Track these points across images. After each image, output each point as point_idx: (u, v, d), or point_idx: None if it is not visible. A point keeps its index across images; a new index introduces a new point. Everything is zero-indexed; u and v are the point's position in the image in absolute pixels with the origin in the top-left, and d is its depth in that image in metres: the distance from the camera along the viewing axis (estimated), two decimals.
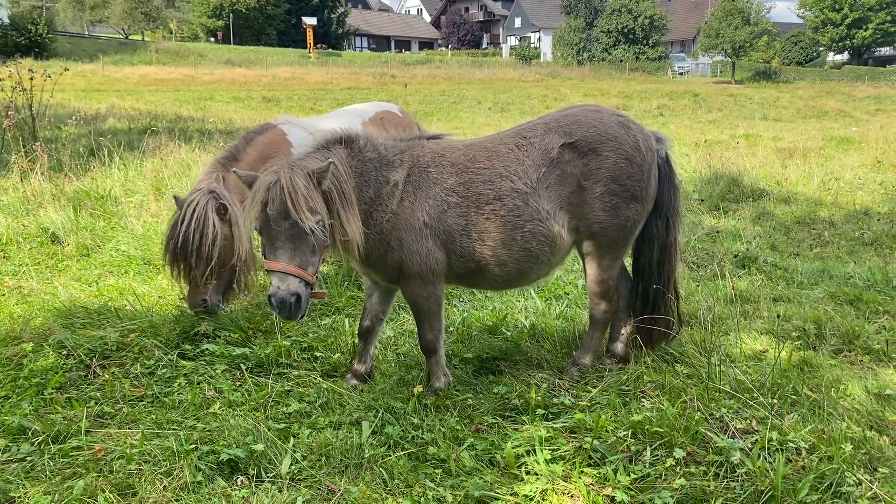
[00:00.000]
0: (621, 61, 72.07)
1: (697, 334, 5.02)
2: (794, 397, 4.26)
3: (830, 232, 8.90)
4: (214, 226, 5.02)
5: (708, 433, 3.84)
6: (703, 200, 10.60)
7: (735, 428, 3.92)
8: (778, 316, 5.60)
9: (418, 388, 4.35)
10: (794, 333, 5.35)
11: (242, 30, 76.14)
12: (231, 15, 74.72)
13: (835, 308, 5.93)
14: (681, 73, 71.85)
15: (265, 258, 3.86)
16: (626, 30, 73.62)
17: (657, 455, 3.72)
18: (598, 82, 59.39)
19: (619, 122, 4.40)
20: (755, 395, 4.18)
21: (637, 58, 72.97)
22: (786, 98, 50.46)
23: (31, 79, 12.98)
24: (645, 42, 73.79)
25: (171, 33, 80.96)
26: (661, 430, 3.79)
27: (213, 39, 76.82)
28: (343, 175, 3.97)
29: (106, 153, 11.32)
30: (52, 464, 3.79)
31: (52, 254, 7.20)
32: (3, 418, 4.14)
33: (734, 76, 65.84)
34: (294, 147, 5.61)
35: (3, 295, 5.88)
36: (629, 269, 4.88)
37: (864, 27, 72.19)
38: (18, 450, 3.93)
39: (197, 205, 5.05)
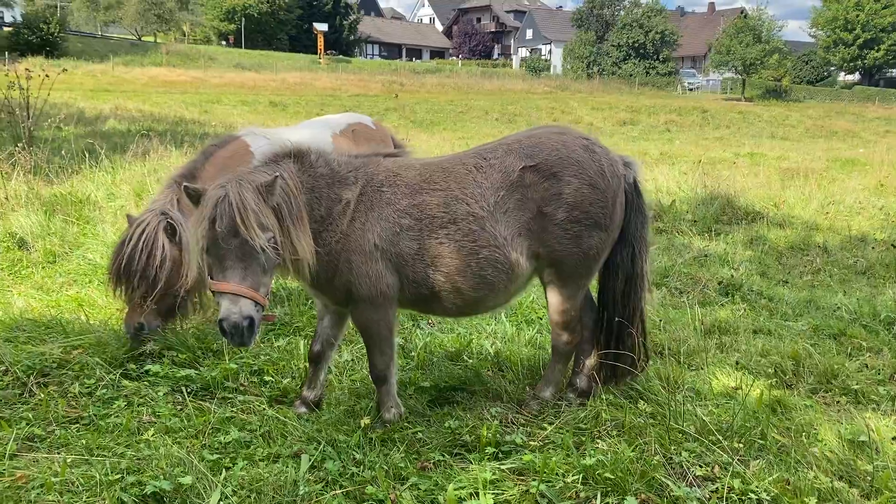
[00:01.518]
0: (631, 76, 71.90)
1: (666, 369, 4.78)
2: (761, 441, 4.02)
3: (823, 259, 8.65)
4: (163, 248, 4.83)
5: (665, 480, 3.60)
6: (695, 222, 10.36)
7: (694, 475, 3.70)
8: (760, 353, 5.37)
9: (365, 420, 4.13)
10: (769, 370, 5.10)
11: (254, 34, 76.34)
12: (243, 19, 74.94)
13: (817, 342, 5.69)
14: (691, 89, 71.58)
15: (213, 279, 3.60)
16: (636, 44, 73.50)
17: (608, 502, 3.48)
18: (607, 96, 59.20)
19: (583, 145, 4.18)
20: (720, 438, 3.93)
21: (647, 73, 72.81)
22: (795, 117, 50.19)
23: (29, 78, 12.81)
24: (655, 57, 73.64)
25: (184, 36, 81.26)
26: (614, 476, 3.55)
27: (224, 43, 77.06)
28: (293, 190, 3.76)
29: (88, 156, 11.14)
30: None
31: (17, 260, 7.02)
32: None
33: (744, 93, 65.54)
34: (257, 158, 5.40)
35: None
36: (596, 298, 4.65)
37: (876, 48, 71.81)
38: None
39: (147, 225, 4.86)
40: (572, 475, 3.61)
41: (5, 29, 57.14)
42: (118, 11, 75.11)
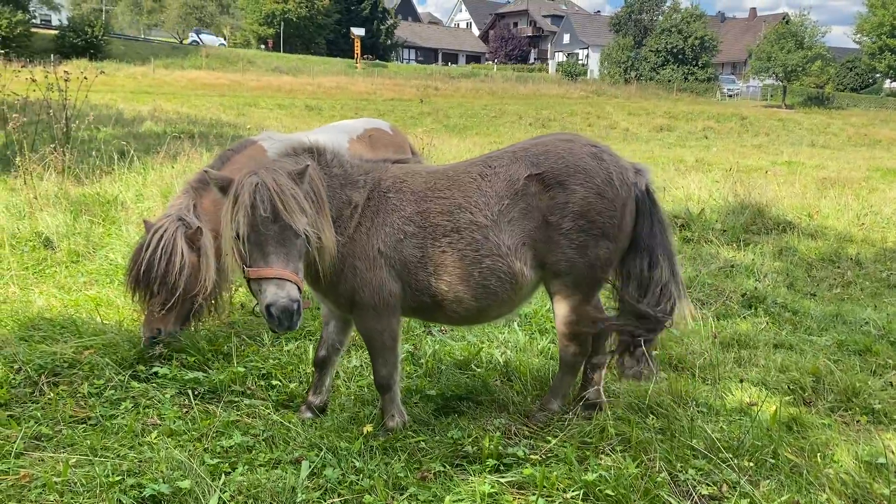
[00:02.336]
0: (669, 81, 71.09)
1: (677, 383, 4.67)
2: (773, 461, 3.89)
3: (854, 271, 8.40)
4: (182, 254, 4.86)
5: (668, 498, 3.50)
6: (724, 231, 10.16)
7: (700, 494, 3.59)
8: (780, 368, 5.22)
9: (368, 428, 4.10)
10: (788, 386, 4.95)
11: (292, 38, 77.22)
12: (282, 23, 75.86)
13: (840, 358, 5.51)
14: (730, 96, 70.56)
15: (251, 266, 3.53)
16: (675, 50, 72.68)
17: None
18: (644, 101, 58.62)
19: (591, 153, 4.09)
20: (729, 456, 3.82)
21: (686, 78, 71.93)
22: (837, 125, 49.13)
23: (67, 80, 13.06)
24: (694, 63, 72.73)
25: (225, 39, 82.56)
26: (615, 493, 3.47)
27: (263, 47, 78.08)
28: (318, 179, 3.76)
29: (120, 157, 11.33)
30: None
31: (42, 259, 7.14)
32: None
33: (785, 100, 64.36)
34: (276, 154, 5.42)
35: None
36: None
37: None
38: None
39: (165, 231, 4.88)
40: (573, 490, 3.53)
41: (51, 32, 58.56)
42: (160, 15, 76.71)
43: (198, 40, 73.92)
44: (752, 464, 3.82)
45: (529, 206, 3.96)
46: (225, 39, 70.90)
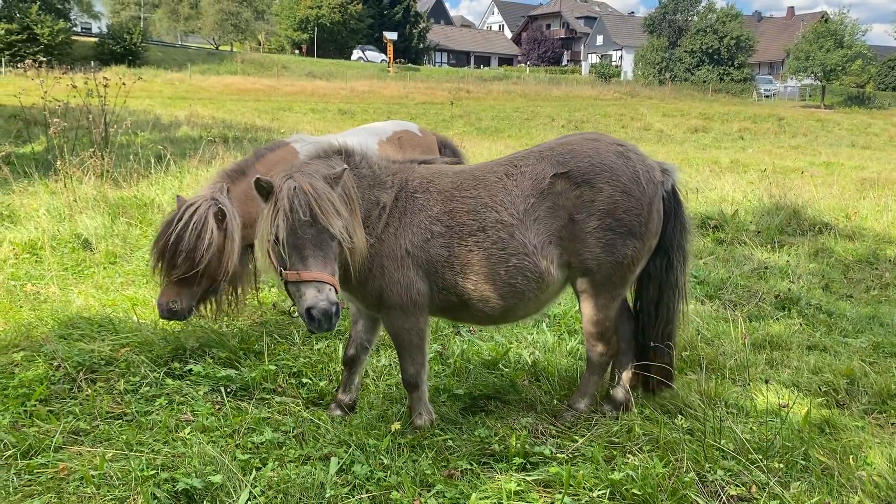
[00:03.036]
0: (704, 82, 70.30)
1: (707, 384, 4.63)
2: (804, 462, 3.85)
3: (893, 273, 8.23)
4: (212, 232, 4.91)
5: (696, 498, 3.48)
6: (759, 232, 10.02)
7: (728, 495, 3.56)
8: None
9: (396, 426, 4.15)
10: (821, 388, 4.88)
11: (326, 43, 78.02)
12: (316, 28, 76.65)
13: (876, 360, 5.41)
14: (767, 96, 69.49)
15: (289, 269, 3.58)
16: (710, 50, 71.85)
17: None
18: (679, 102, 58.03)
19: (617, 151, 4.09)
20: (759, 457, 3.78)
21: (721, 79, 71.05)
22: (878, 125, 48.10)
23: (105, 86, 13.37)
24: (730, 63, 71.79)
25: (259, 45, 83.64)
26: (642, 492, 3.46)
27: (297, 52, 78.98)
28: (351, 182, 3.82)
29: (158, 161, 11.56)
30: (16, 480, 3.75)
31: (81, 260, 7.33)
32: None
33: (824, 100, 63.21)
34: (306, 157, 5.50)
35: (20, 301, 5.98)
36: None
37: None
38: None
39: (198, 208, 4.95)
40: (599, 489, 3.53)
41: (91, 39, 59.92)
42: (197, 22, 77.93)
43: (363, 57, 77.05)
44: (782, 465, 3.78)
45: (556, 205, 3.97)
46: (386, 56, 72.74)
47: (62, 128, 9.25)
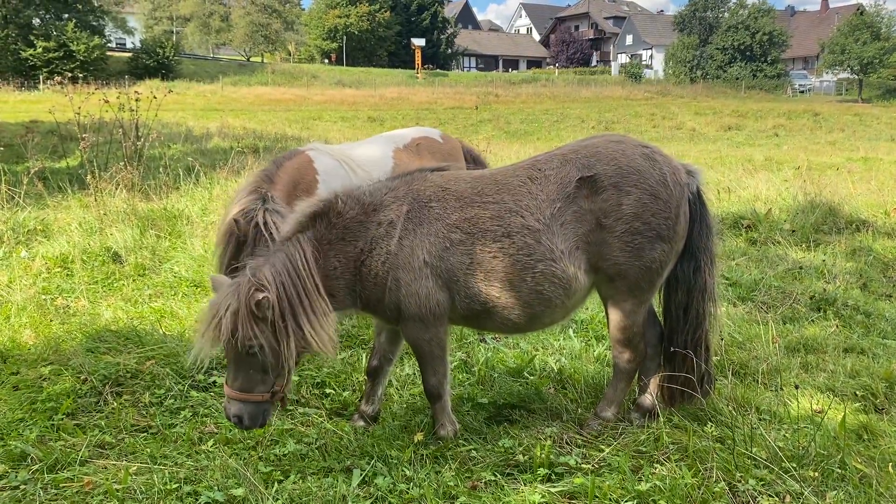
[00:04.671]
0: (737, 79, 69.27)
1: (740, 389, 4.50)
2: (840, 471, 3.71)
3: None
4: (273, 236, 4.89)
5: None
6: (793, 231, 9.77)
7: None
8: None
9: (419, 436, 4.10)
10: (858, 392, 4.71)
11: (355, 51, 78.55)
12: (344, 37, 77.24)
13: None
14: (801, 92, 68.23)
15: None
16: (742, 46, 70.82)
17: None
18: (711, 100, 57.26)
19: (643, 153, 4.00)
20: (792, 466, 3.65)
21: (754, 75, 69.97)
22: None
23: (137, 100, 13.58)
24: (763, 59, 70.69)
25: (289, 55, 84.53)
26: (669, 503, 3.36)
27: (326, 61, 79.63)
28: (298, 279, 3.73)
29: (188, 173, 11.69)
30: (42, 494, 3.78)
31: (111, 273, 7.41)
32: (9, 442, 4.20)
33: (861, 94, 61.84)
34: (319, 174, 5.49)
35: (50, 315, 6.06)
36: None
37: None
38: (16, 476, 3.95)
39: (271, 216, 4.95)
40: (625, 501, 3.44)
41: (125, 54, 61.10)
42: (228, 34, 79.06)
43: None
44: (817, 474, 3.64)
45: (582, 209, 3.89)
46: None
47: (92, 142, 9.38)
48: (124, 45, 72.87)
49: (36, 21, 54.31)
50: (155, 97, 13.67)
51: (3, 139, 9.47)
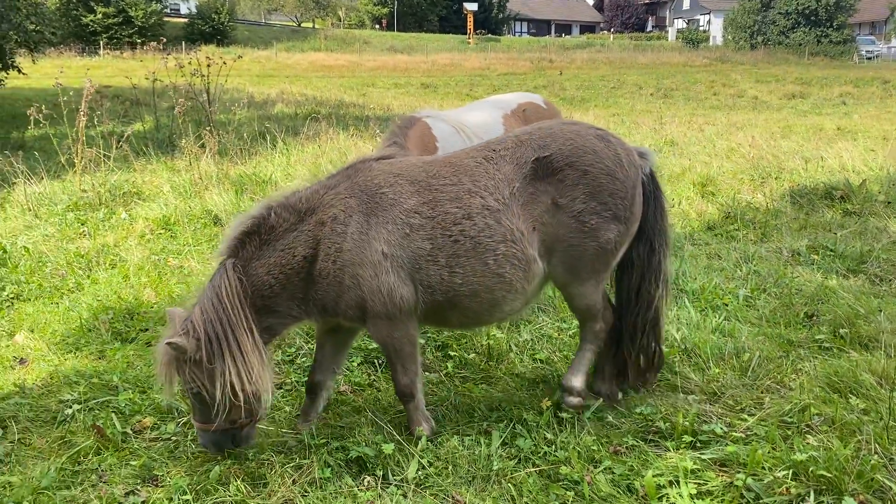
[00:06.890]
0: (800, 45, 66.85)
1: (876, 362, 4.41)
2: None
3: None
4: None
5: (887, 482, 3.33)
6: (889, 203, 9.47)
7: None
8: None
9: (546, 402, 4.13)
10: None
11: (406, 17, 78.03)
12: (395, 2, 76.74)
13: None
14: (869, 58, 65.55)
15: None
16: (807, 11, 68.17)
17: (822, 502, 3.27)
18: (773, 68, 55.43)
19: (597, 135, 3.95)
20: None
21: (819, 41, 67.40)
22: None
23: (209, 65, 13.69)
24: (828, 24, 67.98)
25: (340, 21, 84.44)
26: (829, 473, 3.33)
27: (377, 27, 79.34)
28: (224, 315, 3.57)
29: (264, 138, 11.82)
30: (193, 445, 3.93)
31: (213, 235, 7.57)
32: (153, 396, 4.36)
33: None
34: (438, 141, 5.49)
35: (166, 274, 6.23)
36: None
37: None
38: (165, 429, 4.12)
39: None
40: (781, 470, 3.41)
41: (181, 20, 61.80)
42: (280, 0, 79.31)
43: None
44: None
45: (537, 190, 3.82)
46: None
47: (185, 107, 9.53)
48: (178, 10, 73.69)
49: None
50: (224, 63, 13.78)
51: (73, 104, 9.64)
